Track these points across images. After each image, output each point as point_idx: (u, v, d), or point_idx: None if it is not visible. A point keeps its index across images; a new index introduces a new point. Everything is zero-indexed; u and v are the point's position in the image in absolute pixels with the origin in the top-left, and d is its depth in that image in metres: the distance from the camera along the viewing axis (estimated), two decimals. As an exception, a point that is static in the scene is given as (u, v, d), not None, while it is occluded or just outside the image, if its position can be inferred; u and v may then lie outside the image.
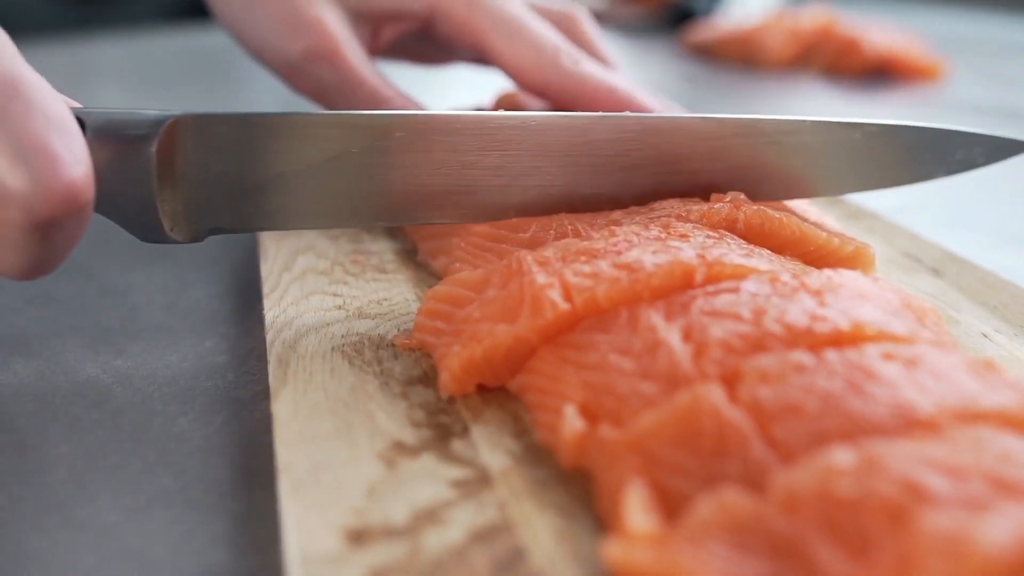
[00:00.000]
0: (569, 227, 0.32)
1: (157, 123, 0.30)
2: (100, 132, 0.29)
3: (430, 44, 0.48)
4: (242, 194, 0.32)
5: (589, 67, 0.42)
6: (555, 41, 0.42)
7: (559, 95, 0.42)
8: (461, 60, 0.51)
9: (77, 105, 0.29)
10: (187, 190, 0.31)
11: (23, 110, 0.26)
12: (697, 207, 0.32)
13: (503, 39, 0.42)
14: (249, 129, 0.32)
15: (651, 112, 0.41)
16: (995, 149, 0.39)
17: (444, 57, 0.52)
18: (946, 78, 0.97)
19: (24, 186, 0.26)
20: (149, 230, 0.31)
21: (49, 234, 0.27)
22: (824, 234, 0.32)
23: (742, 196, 0.33)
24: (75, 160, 0.26)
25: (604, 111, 0.39)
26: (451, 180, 0.34)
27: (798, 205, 0.38)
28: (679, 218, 0.31)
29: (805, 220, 0.34)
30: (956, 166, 0.39)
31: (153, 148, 0.30)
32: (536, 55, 0.42)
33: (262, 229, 0.34)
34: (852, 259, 0.33)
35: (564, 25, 0.47)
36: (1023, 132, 0.42)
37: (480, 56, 0.45)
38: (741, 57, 1.03)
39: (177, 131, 0.31)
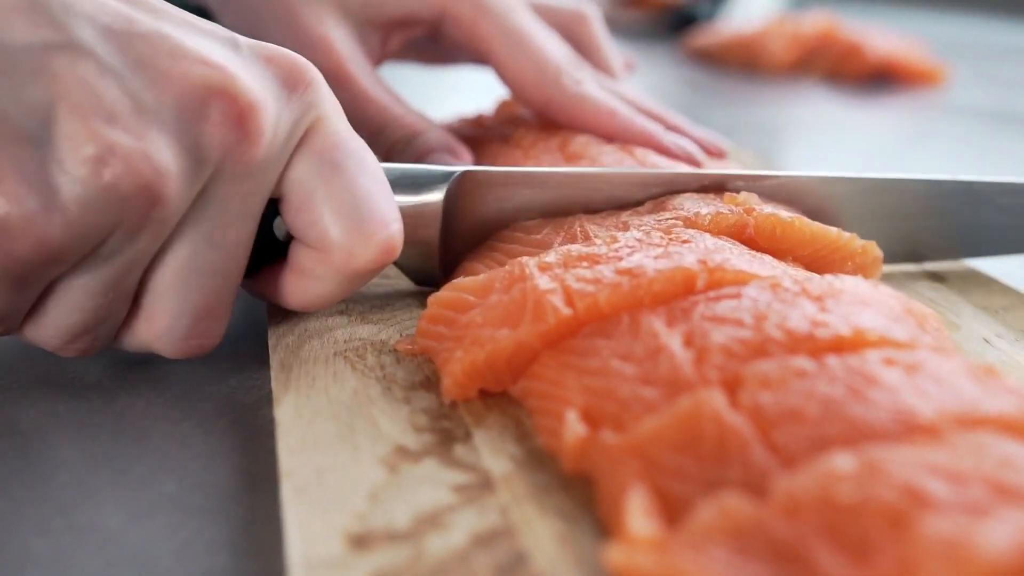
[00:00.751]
0: (579, 229, 0.33)
1: (445, 177, 0.33)
2: (396, 184, 0.32)
3: (436, 46, 0.48)
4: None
5: (591, 88, 0.42)
6: (558, 59, 0.43)
7: (559, 114, 0.43)
8: (467, 62, 0.51)
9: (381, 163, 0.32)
10: (462, 238, 0.35)
11: (356, 165, 0.29)
12: (707, 210, 0.32)
13: (507, 52, 0.42)
14: (519, 182, 0.35)
15: (648, 137, 0.42)
16: None
17: (450, 59, 0.52)
18: (947, 82, 0.97)
19: (349, 236, 0.28)
20: (426, 276, 0.35)
21: (356, 281, 0.30)
22: (834, 232, 0.32)
23: (753, 198, 0.33)
24: (393, 215, 0.29)
25: (603, 133, 0.41)
26: None
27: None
28: (688, 222, 0.32)
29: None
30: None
31: (440, 199, 0.33)
32: (539, 72, 0.42)
33: None
34: (861, 254, 0.33)
35: (572, 26, 0.47)
36: (1022, 135, 0.42)
37: (485, 63, 0.45)
38: (743, 62, 1.03)
39: (462, 183, 0.34)
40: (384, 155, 0.43)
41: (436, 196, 0.33)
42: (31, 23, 0.24)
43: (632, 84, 0.49)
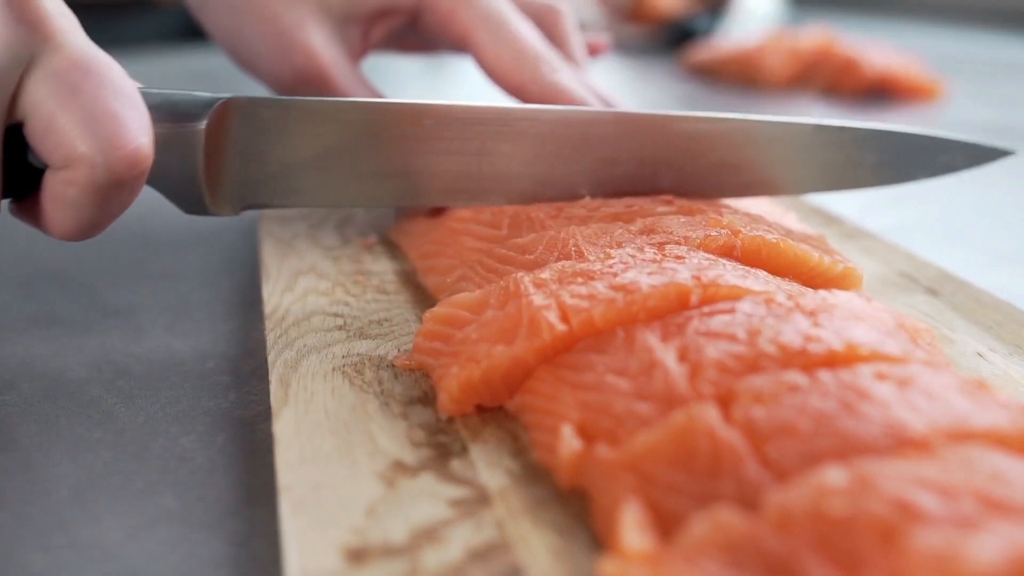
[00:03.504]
0: (572, 248, 0.33)
1: (208, 104, 0.33)
2: (156, 109, 0.32)
3: (415, 34, 0.49)
4: (278, 173, 0.36)
5: (566, 77, 0.43)
6: (536, 46, 0.43)
7: (533, 100, 0.43)
8: (446, 50, 0.51)
9: (139, 85, 0.32)
10: (230, 167, 0.35)
11: (96, 84, 0.29)
12: (695, 233, 0.32)
13: (485, 38, 0.43)
14: (290, 112, 0.35)
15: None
16: (976, 155, 0.42)
17: (430, 47, 0.52)
18: (944, 97, 0.98)
19: (92, 150, 0.28)
20: (193, 203, 0.34)
21: (107, 197, 0.29)
22: (816, 256, 0.33)
23: (738, 219, 0.34)
24: (140, 129, 0.29)
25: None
26: (466, 167, 0.38)
27: (785, 218, 0.39)
28: (677, 243, 0.32)
29: (802, 237, 0.35)
30: (940, 169, 0.42)
31: (203, 126, 0.33)
32: (516, 58, 0.43)
33: (293, 206, 0.37)
34: (841, 279, 0.33)
35: (543, 18, 0.48)
36: (1019, 150, 0.43)
37: (464, 49, 0.45)
38: (741, 77, 1.04)
39: (226, 112, 0.34)
40: None
41: (199, 124, 0.33)
42: None
43: (626, 96, 0.50)
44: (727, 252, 0.32)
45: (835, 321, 0.26)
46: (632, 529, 0.21)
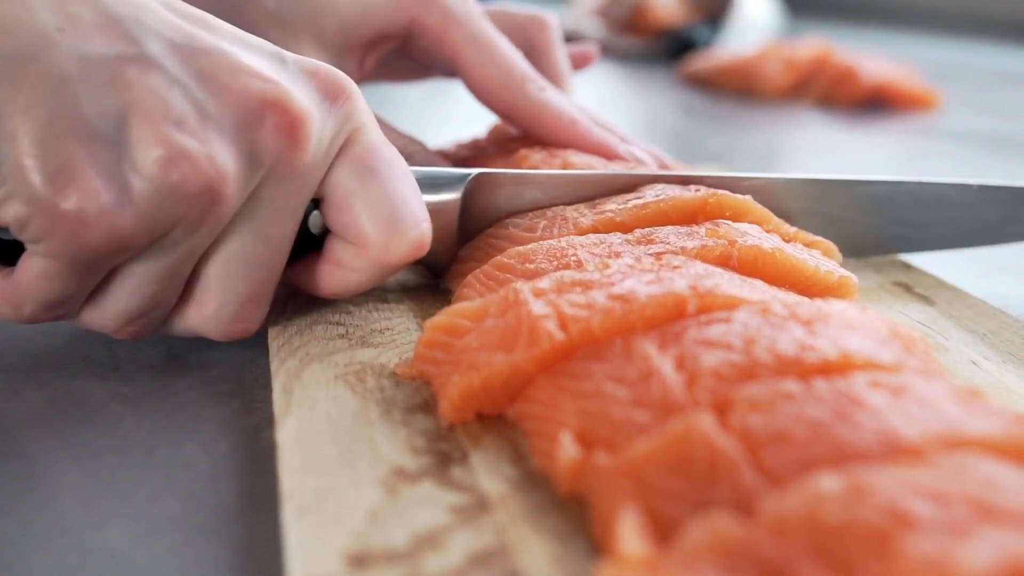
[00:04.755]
0: (571, 258, 0.33)
1: (462, 178, 0.37)
2: (420, 185, 0.35)
3: (405, 61, 0.49)
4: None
5: (554, 96, 0.44)
6: (523, 66, 0.44)
7: (522, 119, 0.44)
8: (435, 75, 0.52)
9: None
10: (476, 232, 0.38)
11: (389, 171, 0.32)
12: (693, 243, 0.33)
13: (475, 59, 0.44)
14: (524, 184, 0.39)
15: (605, 147, 0.45)
16: None
17: (420, 73, 0.53)
18: (941, 107, 0.98)
19: (383, 236, 0.31)
20: (444, 266, 0.38)
21: (388, 273, 0.33)
22: (812, 266, 0.33)
23: (733, 230, 0.34)
24: (425, 216, 0.33)
25: (563, 141, 0.44)
26: None
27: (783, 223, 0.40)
28: (674, 253, 0.32)
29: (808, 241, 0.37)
30: None
31: (458, 197, 0.37)
32: (505, 78, 0.44)
33: None
34: (837, 288, 0.34)
35: (529, 29, 0.48)
36: (1015, 160, 0.43)
37: (453, 71, 0.46)
38: (739, 87, 1.05)
39: (476, 184, 0.37)
40: None
41: (454, 195, 0.37)
42: (107, 36, 0.27)
43: (625, 105, 0.50)
44: (724, 262, 0.32)
45: (830, 330, 0.27)
46: (630, 535, 0.21)
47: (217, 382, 0.34)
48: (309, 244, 0.34)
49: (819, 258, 0.35)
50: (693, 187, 0.38)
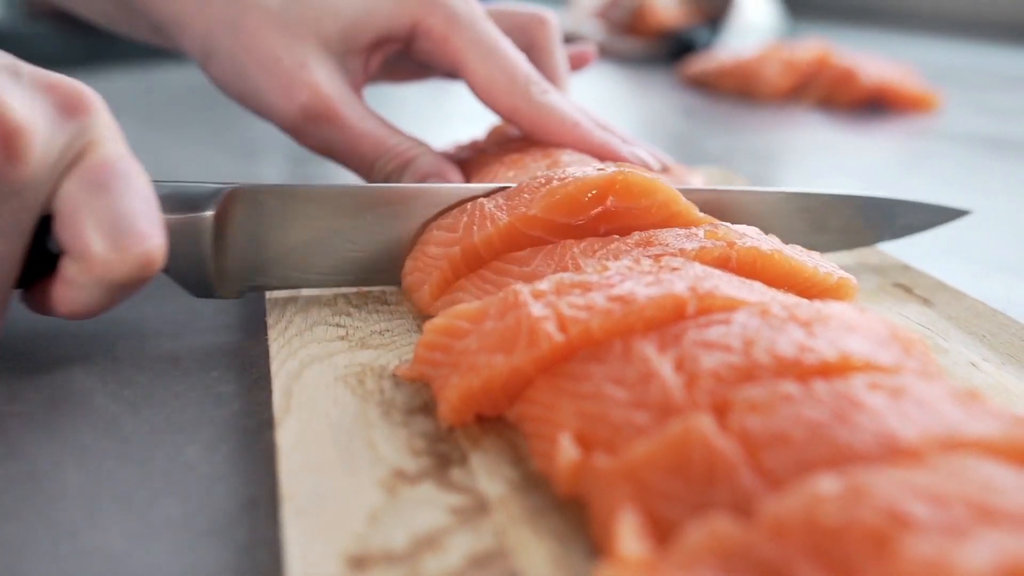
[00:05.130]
0: (569, 261, 0.33)
1: (215, 193, 0.35)
2: (166, 201, 0.33)
3: (407, 61, 0.49)
4: (277, 256, 0.37)
5: (556, 99, 0.44)
6: (526, 69, 0.44)
7: (525, 121, 0.44)
8: (437, 76, 0.52)
9: (151, 178, 0.33)
10: (234, 253, 0.36)
11: (122, 188, 0.30)
12: (691, 245, 0.33)
13: (479, 61, 0.44)
14: (290, 198, 0.36)
15: (608, 148, 0.44)
16: (934, 216, 0.44)
17: (422, 74, 0.53)
18: (940, 109, 0.98)
19: (106, 250, 0.29)
20: (201, 287, 0.36)
21: (118, 291, 0.31)
22: (811, 267, 0.33)
23: (732, 232, 0.34)
24: (155, 234, 0.30)
25: (566, 142, 0.44)
26: None
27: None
28: (673, 255, 0.32)
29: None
30: (899, 231, 0.44)
31: (211, 215, 0.34)
32: (508, 80, 0.44)
33: (294, 287, 0.38)
34: (836, 289, 0.34)
35: (529, 28, 0.48)
36: (1014, 162, 0.43)
37: (456, 73, 0.46)
38: (738, 88, 1.05)
39: (231, 201, 0.35)
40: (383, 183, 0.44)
41: (207, 212, 0.35)
42: None
43: (626, 107, 0.51)
44: (723, 263, 0.32)
45: (829, 332, 0.27)
46: (629, 536, 0.21)
47: (217, 384, 0.34)
48: (51, 266, 0.32)
49: (818, 259, 0.35)
50: (599, 165, 0.37)
